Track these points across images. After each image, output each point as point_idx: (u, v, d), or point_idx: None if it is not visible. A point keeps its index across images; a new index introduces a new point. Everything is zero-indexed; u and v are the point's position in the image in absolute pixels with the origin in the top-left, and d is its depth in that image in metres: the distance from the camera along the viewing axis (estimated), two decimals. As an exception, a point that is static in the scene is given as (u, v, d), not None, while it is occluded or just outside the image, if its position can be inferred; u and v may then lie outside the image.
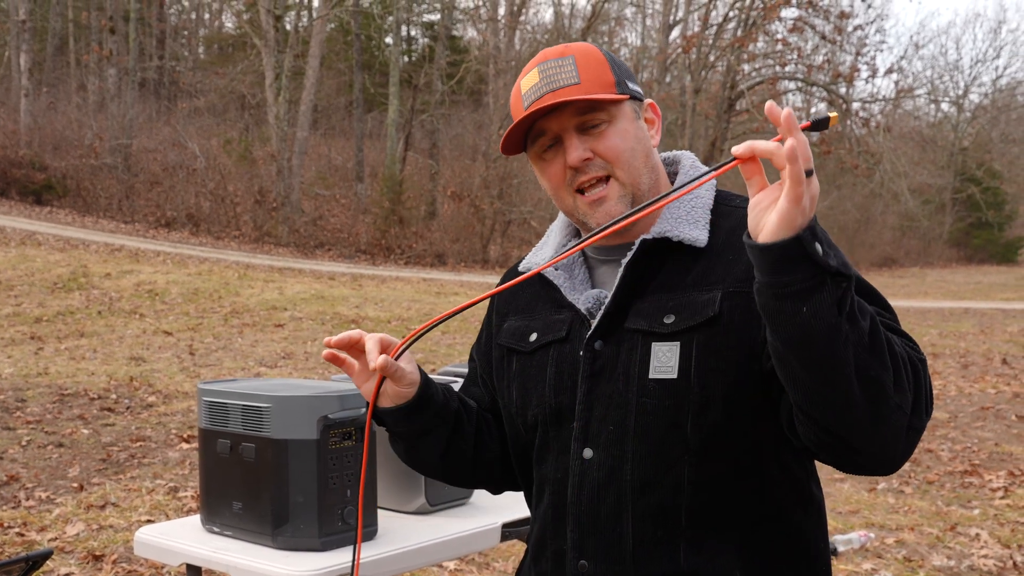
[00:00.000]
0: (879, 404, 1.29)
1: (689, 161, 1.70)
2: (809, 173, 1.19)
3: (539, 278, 1.71)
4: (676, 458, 1.49)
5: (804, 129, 1.22)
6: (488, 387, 1.85)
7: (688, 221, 1.58)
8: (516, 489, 1.86)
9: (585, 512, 1.56)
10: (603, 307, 1.59)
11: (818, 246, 1.22)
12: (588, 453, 1.56)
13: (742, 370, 1.47)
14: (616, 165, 1.58)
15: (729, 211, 1.62)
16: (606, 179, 1.58)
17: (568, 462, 1.59)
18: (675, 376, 1.49)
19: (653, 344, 1.52)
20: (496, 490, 1.91)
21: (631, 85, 1.61)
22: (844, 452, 1.37)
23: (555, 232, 1.78)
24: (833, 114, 1.26)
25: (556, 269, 1.68)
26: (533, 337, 1.69)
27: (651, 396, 1.51)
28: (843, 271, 1.23)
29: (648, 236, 1.57)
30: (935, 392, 10.00)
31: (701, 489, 1.49)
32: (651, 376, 1.51)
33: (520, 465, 1.76)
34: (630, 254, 1.58)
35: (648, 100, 1.66)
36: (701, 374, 1.48)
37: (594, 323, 1.59)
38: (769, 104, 1.21)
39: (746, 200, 1.60)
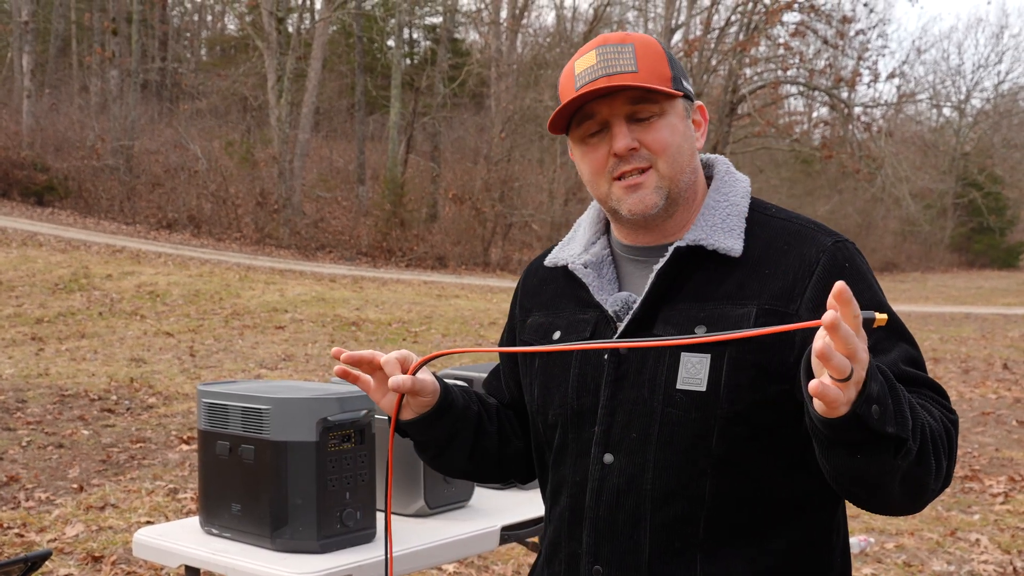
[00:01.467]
0: (917, 497, 1.37)
1: (724, 167, 1.68)
2: (846, 377, 1.16)
3: (565, 275, 1.69)
4: (699, 470, 1.48)
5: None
6: (511, 382, 1.83)
7: (723, 229, 1.56)
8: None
9: (603, 518, 1.55)
10: (631, 312, 1.57)
11: (875, 410, 1.22)
12: (609, 458, 1.55)
13: (771, 390, 1.46)
14: (660, 157, 1.56)
15: (765, 220, 1.59)
16: (645, 169, 1.56)
17: (588, 466, 1.57)
18: (703, 389, 1.48)
19: (682, 354, 1.50)
20: (524, 480, 1.89)
21: (685, 84, 1.61)
22: (868, 508, 1.43)
23: (584, 226, 1.75)
24: (881, 316, 1.24)
25: (585, 266, 1.65)
26: (556, 335, 1.67)
27: (677, 407, 1.49)
28: (900, 434, 1.25)
29: (682, 243, 1.55)
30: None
31: (721, 501, 1.49)
32: (678, 386, 1.50)
33: (538, 462, 1.75)
34: (663, 261, 1.56)
35: (699, 103, 1.65)
36: (731, 389, 1.46)
37: (620, 327, 1.57)
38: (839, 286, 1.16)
39: (783, 211, 1.63)
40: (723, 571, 1.49)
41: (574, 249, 1.71)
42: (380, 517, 2.42)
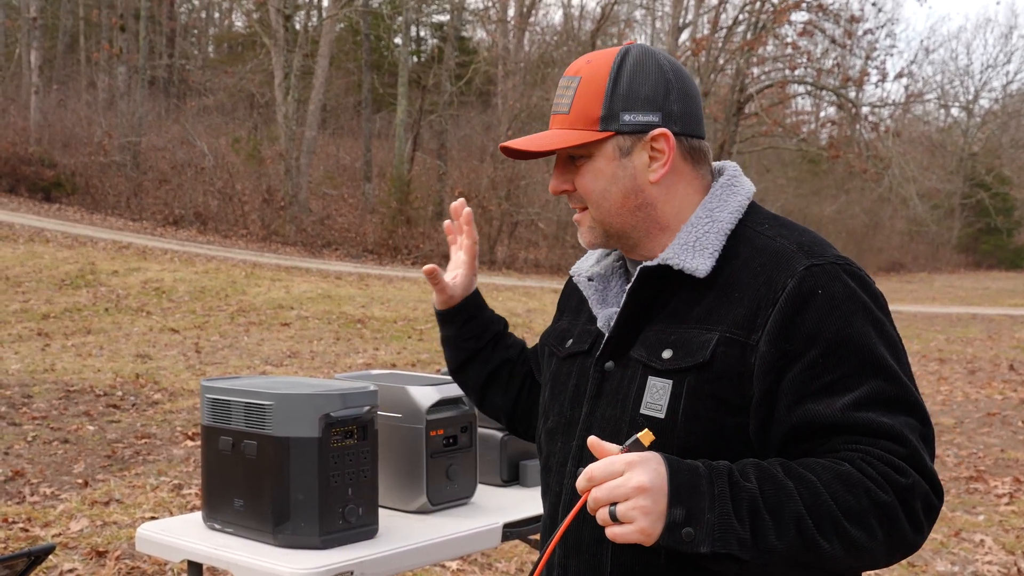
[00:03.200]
0: (837, 568, 1.36)
1: (725, 177, 1.59)
2: (613, 516, 1.29)
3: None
4: None
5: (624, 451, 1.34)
6: (535, 364, 1.93)
7: (696, 248, 1.50)
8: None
9: (571, 532, 1.54)
10: (608, 330, 1.58)
11: (686, 533, 1.29)
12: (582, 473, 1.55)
13: (729, 422, 1.43)
14: (587, 201, 1.56)
15: (752, 236, 1.51)
16: (584, 208, 1.59)
17: (564, 478, 1.59)
18: (663, 416, 1.45)
19: (649, 378, 1.49)
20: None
21: (628, 117, 1.51)
22: None
23: None
24: (644, 432, 1.34)
25: (590, 279, 1.66)
26: (568, 343, 1.68)
27: (638, 430, 1.46)
28: (717, 550, 1.28)
29: (650, 263, 1.53)
30: (942, 399, 10.01)
31: None
32: (642, 411, 1.48)
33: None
34: (632, 280, 1.54)
35: (657, 131, 1.51)
36: (688, 418, 1.44)
37: (603, 344, 1.58)
38: (591, 440, 1.36)
39: (776, 225, 1.53)
40: None
41: (589, 261, 1.72)
42: (383, 513, 2.42)
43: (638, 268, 1.54)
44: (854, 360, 1.38)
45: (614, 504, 1.28)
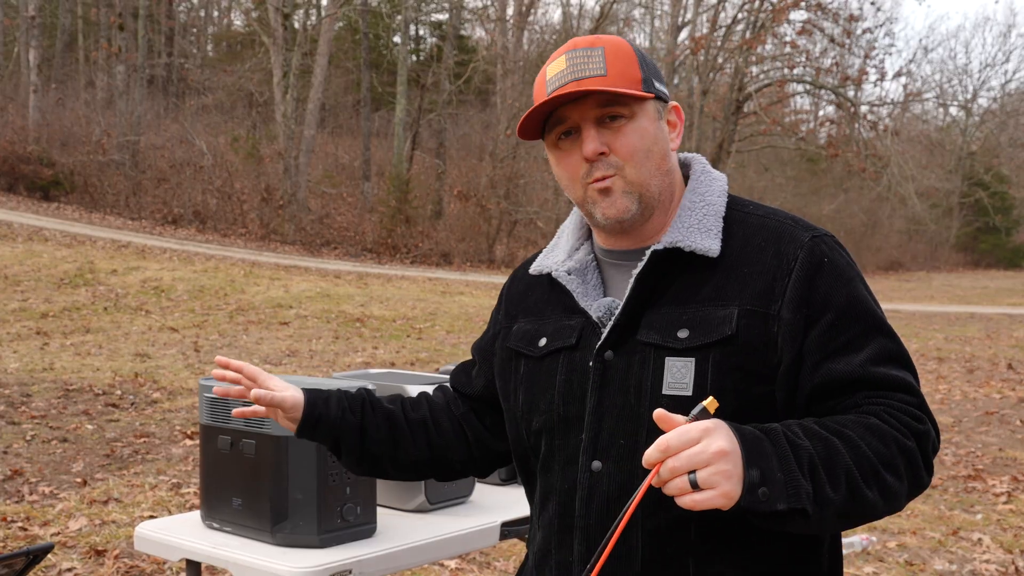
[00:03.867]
0: (871, 518, 1.43)
1: (700, 166, 1.66)
2: (694, 483, 1.29)
3: (550, 281, 1.69)
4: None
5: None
6: (480, 379, 1.85)
7: (700, 230, 1.55)
8: (469, 475, 1.94)
9: (593, 526, 1.54)
10: (614, 317, 1.57)
11: (762, 493, 1.32)
12: (597, 465, 1.54)
13: (756, 391, 1.48)
14: (628, 162, 1.55)
15: (743, 218, 1.58)
16: (614, 175, 1.56)
17: (576, 473, 1.57)
18: (690, 393, 1.47)
19: (667, 359, 1.50)
20: (479, 474, 1.95)
21: (657, 85, 1.59)
22: None
23: (566, 233, 1.75)
24: (709, 400, 1.36)
25: (569, 273, 1.65)
26: (543, 342, 1.66)
27: (699, 416, 1.46)
28: (794, 506, 1.33)
29: (659, 246, 1.54)
30: (940, 397, 10.02)
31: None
32: (664, 392, 1.49)
33: (522, 468, 1.74)
34: (641, 264, 1.55)
35: (673, 103, 1.63)
36: (715, 392, 1.45)
37: (604, 333, 1.57)
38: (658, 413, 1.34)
39: (760, 206, 1.61)
40: (716, 575, 1.49)
41: (558, 256, 1.71)
42: (381, 512, 2.42)
43: (649, 251, 1.55)
44: (862, 321, 1.49)
45: (693, 472, 1.29)
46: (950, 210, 44.92)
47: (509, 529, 2.53)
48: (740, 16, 30.06)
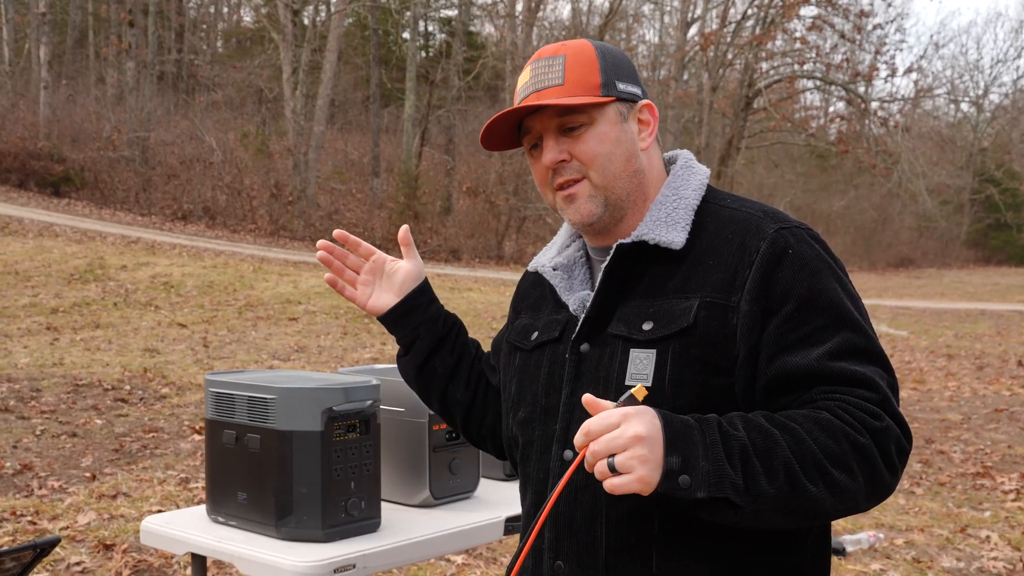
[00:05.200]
0: (822, 516, 1.41)
1: (683, 161, 1.68)
2: (612, 467, 1.32)
3: (545, 279, 1.74)
4: None
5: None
6: (494, 374, 1.91)
7: (668, 223, 1.56)
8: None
9: (562, 513, 1.57)
10: (585, 310, 1.61)
11: (683, 479, 1.32)
12: (568, 455, 1.57)
13: (716, 383, 1.48)
14: (591, 167, 1.58)
15: (716, 210, 1.59)
16: (579, 180, 1.60)
17: (549, 462, 1.61)
18: (649, 384, 1.49)
19: (632, 350, 1.53)
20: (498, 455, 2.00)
21: (622, 86, 1.60)
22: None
23: (562, 232, 1.80)
24: (638, 387, 1.40)
25: (555, 269, 1.70)
26: (534, 336, 1.72)
27: (626, 402, 1.49)
28: (713, 495, 1.32)
29: (625, 241, 1.57)
30: (949, 394, 9.99)
31: None
32: (627, 382, 1.52)
33: (511, 459, 1.80)
34: (607, 259, 1.59)
35: (644, 101, 1.63)
36: (674, 383, 1.48)
37: (578, 326, 1.61)
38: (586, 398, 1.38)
39: (737, 199, 1.61)
40: (680, 569, 1.49)
41: (550, 252, 1.76)
42: (386, 507, 2.43)
43: (615, 245, 1.58)
44: (825, 314, 1.46)
45: (612, 456, 1.32)
46: (961, 207, 44.74)
47: (513, 524, 2.54)
48: (750, 12, 29.99)
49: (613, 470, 1.31)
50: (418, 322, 1.90)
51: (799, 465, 1.34)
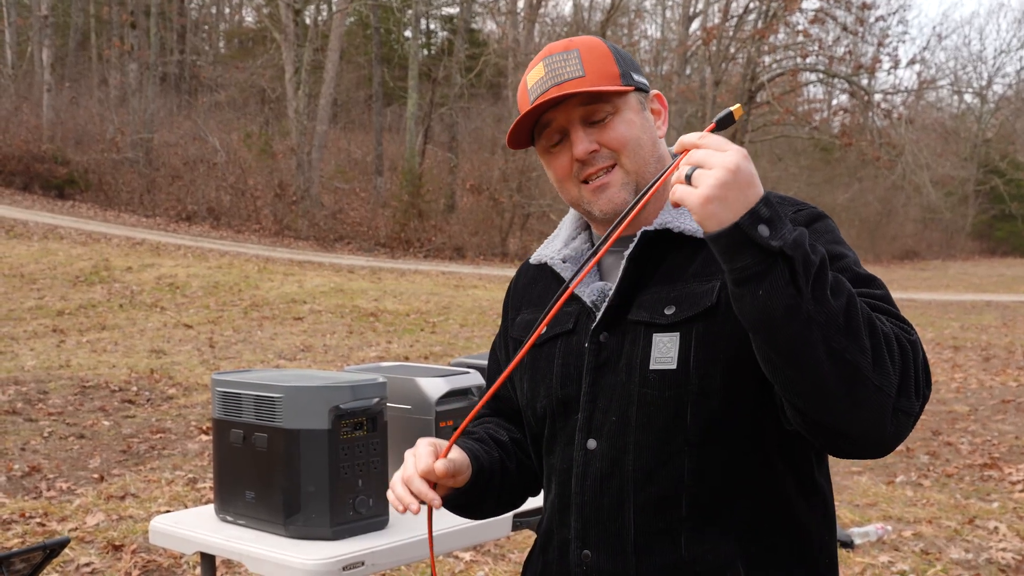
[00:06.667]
0: (855, 386, 1.30)
1: None
2: (689, 176, 1.28)
3: (551, 272, 1.74)
4: (677, 448, 1.50)
5: (711, 130, 1.36)
6: (510, 386, 1.87)
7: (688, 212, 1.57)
8: None
9: (588, 503, 1.57)
10: (607, 299, 1.60)
11: (762, 228, 1.26)
12: (592, 444, 1.57)
13: (740, 360, 1.47)
14: (622, 153, 1.59)
15: None
16: (610, 168, 1.60)
17: (573, 453, 1.61)
18: (674, 367, 1.50)
19: (654, 335, 1.53)
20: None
21: (636, 77, 1.63)
22: (829, 435, 1.37)
23: (566, 225, 1.80)
24: (736, 107, 1.36)
25: (564, 261, 1.70)
26: (544, 330, 1.70)
27: (652, 387, 1.51)
28: (788, 251, 1.25)
29: (650, 228, 1.58)
30: (956, 386, 9.98)
31: (701, 479, 1.50)
32: (651, 367, 1.52)
33: (535, 455, 1.78)
34: (632, 246, 1.58)
35: (654, 91, 1.66)
36: (700, 364, 1.48)
37: (599, 315, 1.60)
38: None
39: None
40: (710, 551, 1.49)
41: (556, 245, 1.75)
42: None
43: (639, 233, 1.58)
44: (849, 272, 1.46)
45: (699, 168, 1.29)
46: (965, 198, 44.63)
47: (521, 520, 2.54)
48: (752, 6, 29.93)
49: (689, 179, 1.29)
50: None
51: (860, 308, 1.31)
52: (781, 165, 35.99)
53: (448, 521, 2.42)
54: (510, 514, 2.51)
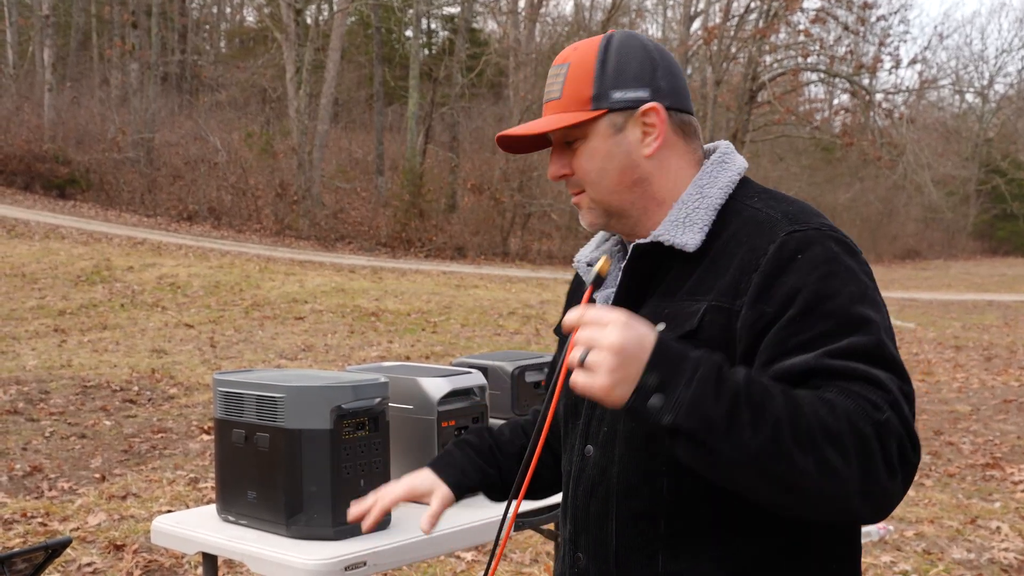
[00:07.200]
0: (804, 498, 1.29)
1: (717, 156, 1.61)
2: (582, 361, 1.28)
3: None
4: (657, 468, 1.48)
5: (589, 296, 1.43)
6: None
7: (686, 224, 1.52)
8: None
9: (580, 508, 1.59)
10: None
11: (654, 400, 1.26)
12: (589, 450, 1.58)
13: None
14: (585, 183, 1.58)
15: (740, 209, 1.53)
16: (582, 190, 1.60)
17: (574, 457, 1.63)
18: None
19: None
20: None
21: (618, 95, 1.55)
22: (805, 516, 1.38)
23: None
24: (601, 261, 1.41)
25: (589, 264, 1.69)
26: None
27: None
28: (682, 426, 1.25)
29: (643, 241, 1.55)
30: (958, 386, 9.97)
31: (681, 499, 1.47)
32: None
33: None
34: (626, 259, 1.58)
35: (647, 105, 1.55)
36: None
37: None
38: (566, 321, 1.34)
39: (768, 197, 1.54)
40: (688, 570, 1.46)
41: (590, 247, 1.75)
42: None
43: (631, 246, 1.57)
44: (832, 318, 1.36)
45: (588, 350, 1.28)
46: (967, 198, 44.61)
47: (524, 520, 2.54)
48: (753, 5, 29.92)
49: (582, 364, 1.28)
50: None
51: (790, 428, 1.25)
52: (782, 165, 35.98)
53: (449, 521, 2.41)
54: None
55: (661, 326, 1.49)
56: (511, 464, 1.87)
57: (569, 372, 1.33)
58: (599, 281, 1.39)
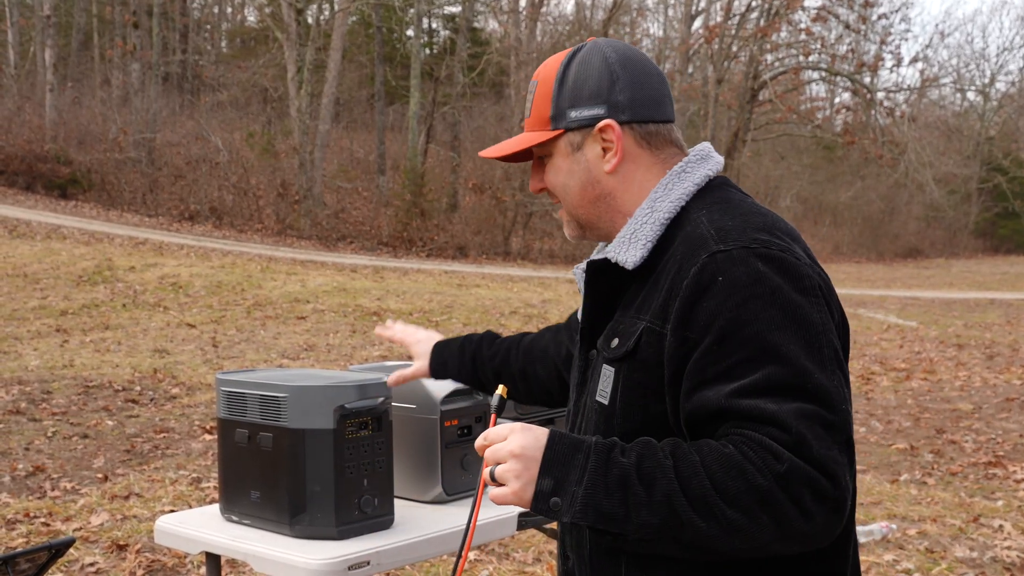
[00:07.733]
0: (720, 552, 1.33)
1: (678, 168, 1.56)
2: (492, 476, 1.40)
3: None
4: None
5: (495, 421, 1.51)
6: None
7: (631, 240, 1.52)
8: None
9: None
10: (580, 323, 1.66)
11: (554, 502, 1.35)
12: None
13: (654, 409, 1.45)
14: (558, 196, 1.63)
15: (686, 223, 1.49)
16: (559, 202, 1.65)
17: None
18: (607, 402, 1.51)
19: (603, 366, 1.54)
20: None
21: (574, 114, 1.55)
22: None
23: None
24: (500, 389, 1.55)
25: (583, 272, 1.71)
26: (578, 336, 1.75)
27: (596, 416, 1.54)
28: (579, 521, 1.33)
29: (596, 258, 1.59)
30: (960, 384, 9.97)
31: None
32: (595, 398, 1.55)
33: None
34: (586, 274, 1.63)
35: (603, 122, 1.53)
36: (624, 405, 1.48)
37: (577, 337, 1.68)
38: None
39: (718, 211, 1.49)
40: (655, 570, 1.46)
41: (596, 249, 1.77)
42: (398, 504, 2.43)
43: (585, 262, 1.62)
44: (748, 346, 1.35)
45: (497, 465, 1.38)
46: (968, 196, 44.57)
47: (526, 520, 2.54)
48: (754, 4, 29.92)
49: (493, 479, 1.38)
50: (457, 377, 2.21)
51: (686, 498, 1.29)
52: (784, 163, 35.95)
53: (453, 521, 2.42)
54: (515, 513, 2.51)
55: (615, 342, 1.52)
56: (495, 380, 2.08)
57: (487, 487, 1.42)
58: (502, 405, 1.51)
